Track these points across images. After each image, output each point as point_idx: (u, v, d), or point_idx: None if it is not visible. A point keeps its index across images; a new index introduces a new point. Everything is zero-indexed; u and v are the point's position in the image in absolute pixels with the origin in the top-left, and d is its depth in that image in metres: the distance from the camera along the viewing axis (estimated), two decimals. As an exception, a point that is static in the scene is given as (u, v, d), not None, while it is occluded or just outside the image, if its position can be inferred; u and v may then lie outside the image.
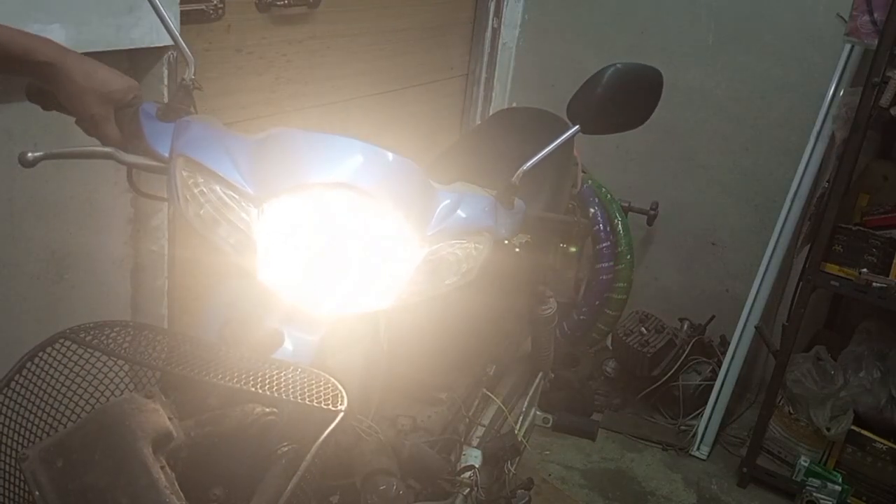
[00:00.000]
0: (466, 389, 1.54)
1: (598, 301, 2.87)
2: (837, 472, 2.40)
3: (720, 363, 2.73)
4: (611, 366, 2.89)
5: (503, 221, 1.14)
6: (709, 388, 2.71)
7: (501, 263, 1.16)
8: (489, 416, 1.58)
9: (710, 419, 2.66)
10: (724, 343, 2.82)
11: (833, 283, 2.32)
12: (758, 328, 2.63)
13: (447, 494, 1.27)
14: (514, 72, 3.13)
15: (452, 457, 1.41)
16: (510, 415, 1.64)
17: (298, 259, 1.00)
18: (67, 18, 1.40)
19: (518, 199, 1.19)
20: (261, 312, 1.01)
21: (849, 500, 2.41)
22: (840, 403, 2.39)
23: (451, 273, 1.06)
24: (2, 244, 1.50)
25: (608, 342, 2.98)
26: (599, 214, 2.84)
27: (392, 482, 1.05)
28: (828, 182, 2.43)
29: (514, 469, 1.61)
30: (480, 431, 1.52)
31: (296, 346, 0.99)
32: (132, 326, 0.96)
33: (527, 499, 1.60)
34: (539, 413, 1.91)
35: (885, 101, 2.14)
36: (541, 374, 1.91)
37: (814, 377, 2.44)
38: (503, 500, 1.52)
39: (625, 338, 2.79)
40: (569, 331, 2.90)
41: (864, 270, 2.24)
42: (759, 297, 2.64)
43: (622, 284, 2.86)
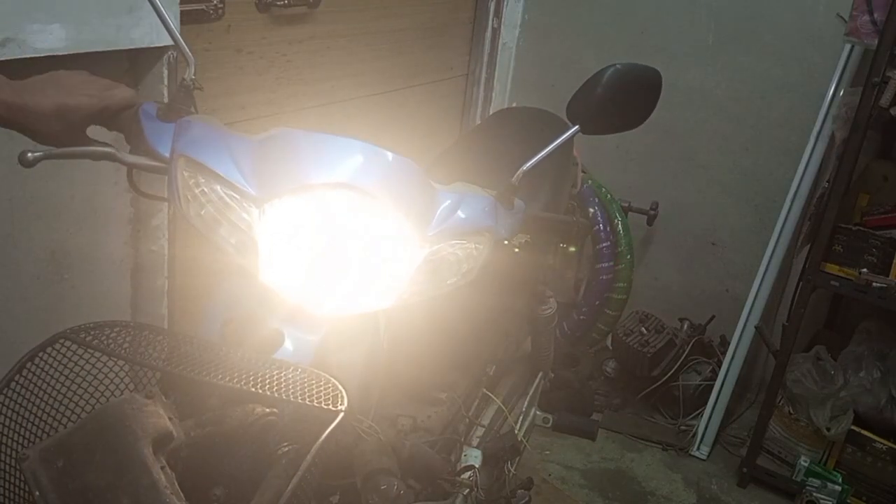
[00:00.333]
0: (466, 389, 1.54)
1: (598, 301, 2.87)
2: (837, 472, 2.40)
3: (720, 363, 2.73)
4: (611, 366, 2.89)
5: (503, 221, 1.14)
6: (709, 388, 2.71)
7: (501, 263, 1.16)
8: (489, 416, 1.58)
9: (710, 419, 2.66)
10: (724, 343, 2.82)
11: (833, 283, 2.32)
12: (758, 328, 2.63)
13: (447, 494, 1.27)
14: (514, 72, 3.13)
15: (452, 457, 1.41)
16: (510, 415, 1.64)
17: (299, 259, 1.00)
18: (67, 18, 1.40)
19: (518, 199, 1.19)
20: (261, 312, 1.01)
21: (849, 500, 2.41)
22: (840, 403, 2.40)
23: (452, 273, 1.06)
24: (2, 244, 1.50)
25: (608, 342, 2.98)
26: (599, 214, 2.84)
27: (392, 482, 1.05)
28: (828, 182, 2.43)
29: (514, 469, 1.61)
30: (480, 431, 1.52)
31: (296, 347, 0.99)
32: (132, 326, 0.96)
33: (527, 499, 1.59)
34: (539, 413, 1.91)
35: (885, 101, 2.15)
36: (541, 374, 1.91)
37: (814, 377, 2.44)
38: (503, 500, 1.52)
39: (625, 338, 2.79)
40: (569, 331, 2.90)
41: (864, 270, 2.24)
42: (759, 297, 2.64)
43: (622, 284, 2.86)
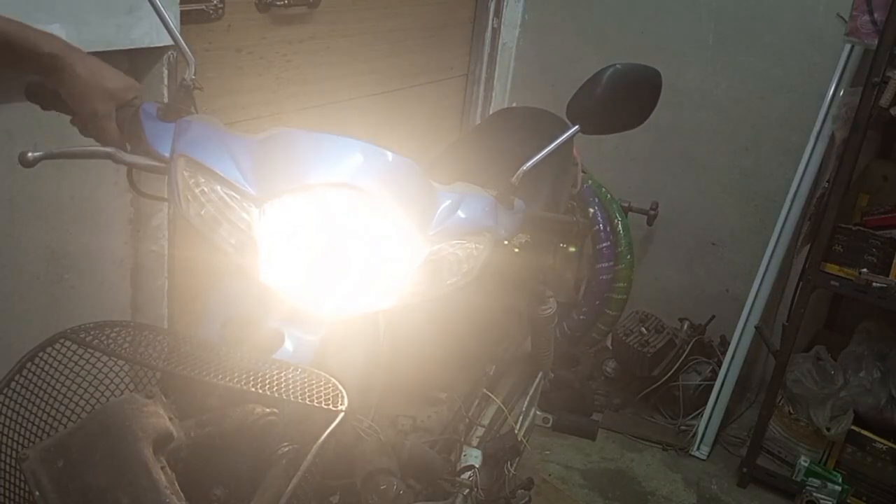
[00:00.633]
0: (466, 389, 1.54)
1: (598, 301, 2.87)
2: (837, 472, 2.40)
3: (720, 363, 2.73)
4: (611, 366, 2.89)
5: (503, 221, 1.14)
6: (709, 388, 2.71)
7: (501, 263, 1.16)
8: (489, 416, 1.58)
9: (710, 419, 2.66)
10: (724, 343, 2.82)
11: (833, 283, 2.32)
12: (758, 328, 2.63)
13: (447, 494, 1.27)
14: (514, 72, 3.13)
15: (452, 457, 1.41)
16: (510, 415, 1.64)
17: (299, 259, 1.00)
18: (67, 18, 1.40)
19: (518, 199, 1.19)
20: (261, 312, 1.01)
21: (849, 500, 2.41)
22: (840, 403, 2.40)
23: (452, 273, 1.06)
24: (2, 244, 1.50)
25: (608, 342, 2.98)
26: (599, 214, 2.84)
27: (392, 482, 1.05)
28: (828, 182, 2.43)
29: (514, 469, 1.61)
30: (480, 431, 1.52)
31: (296, 347, 0.99)
32: (132, 326, 0.96)
33: (527, 499, 1.59)
34: (539, 413, 1.91)
35: (885, 101, 2.15)
36: (541, 374, 1.91)
37: (814, 377, 2.44)
38: (503, 500, 1.52)
39: (625, 338, 2.79)
40: (569, 331, 2.90)
41: (864, 270, 2.24)
42: (759, 297, 2.64)
43: (622, 284, 2.86)
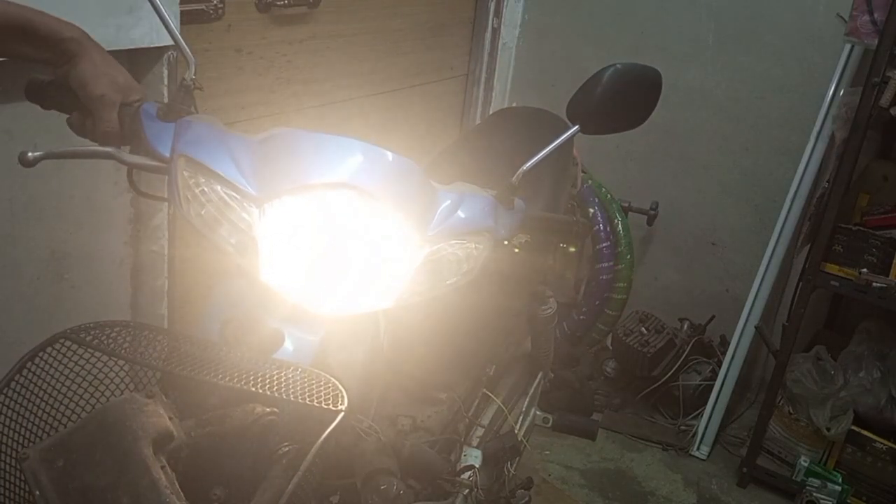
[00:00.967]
0: (466, 389, 1.54)
1: (598, 301, 2.87)
2: (837, 472, 2.40)
3: (720, 363, 2.73)
4: (611, 366, 2.89)
5: (503, 221, 1.14)
6: (709, 388, 2.71)
7: (501, 263, 1.16)
8: (489, 416, 1.58)
9: (710, 419, 2.66)
10: (724, 343, 2.82)
11: (833, 283, 2.32)
12: (758, 328, 2.63)
13: (447, 494, 1.27)
14: (514, 72, 3.13)
15: (452, 457, 1.41)
16: (510, 415, 1.64)
17: (300, 259, 1.00)
18: (67, 18, 1.40)
19: (518, 199, 1.19)
20: (261, 312, 1.01)
21: (849, 500, 2.41)
22: (840, 403, 2.40)
23: (452, 273, 1.06)
24: (2, 244, 1.50)
25: (608, 342, 2.98)
26: (599, 214, 2.84)
27: (392, 482, 1.05)
28: (828, 182, 2.43)
29: (514, 469, 1.61)
30: (480, 431, 1.52)
31: (296, 346, 0.99)
32: (132, 326, 0.96)
33: (527, 499, 1.59)
34: (539, 413, 1.91)
35: (885, 101, 2.15)
36: (541, 374, 1.91)
37: (814, 377, 2.44)
38: (503, 500, 1.52)
39: (625, 338, 2.79)
40: (569, 331, 2.90)
41: (864, 270, 2.24)
42: (759, 297, 2.64)
43: (622, 284, 2.86)
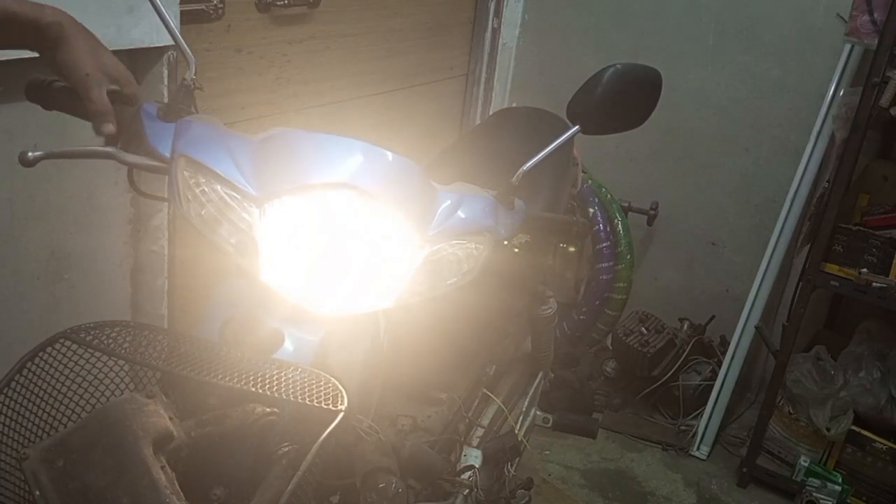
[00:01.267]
0: (466, 389, 1.54)
1: (598, 301, 2.87)
2: (837, 472, 2.40)
3: (720, 363, 2.73)
4: (611, 366, 2.89)
5: (503, 221, 1.14)
6: (709, 388, 2.71)
7: (501, 263, 1.16)
8: (489, 416, 1.58)
9: (710, 419, 2.66)
10: (724, 343, 2.82)
11: (833, 283, 2.32)
12: (758, 328, 2.63)
13: (447, 494, 1.27)
14: (514, 72, 3.13)
15: (452, 457, 1.41)
16: (510, 415, 1.64)
17: (300, 259, 1.00)
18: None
19: (518, 199, 1.19)
20: (261, 312, 1.01)
21: (849, 500, 2.41)
22: (840, 403, 2.40)
23: (452, 273, 1.06)
24: (2, 244, 1.50)
25: (608, 342, 2.98)
26: (599, 214, 2.84)
27: (391, 481, 1.05)
28: (828, 182, 2.44)
29: (514, 469, 1.61)
30: (480, 431, 1.53)
31: (296, 346, 0.99)
32: (132, 326, 0.96)
33: (527, 499, 1.60)
34: (539, 413, 1.91)
35: (885, 101, 2.15)
36: (541, 374, 1.91)
37: (814, 377, 2.44)
38: (503, 501, 1.52)
39: (625, 338, 2.80)
40: (569, 331, 2.90)
41: (864, 270, 2.24)
42: (759, 297, 2.64)
43: (622, 284, 2.86)
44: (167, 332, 0.98)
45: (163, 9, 1.12)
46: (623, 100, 1.21)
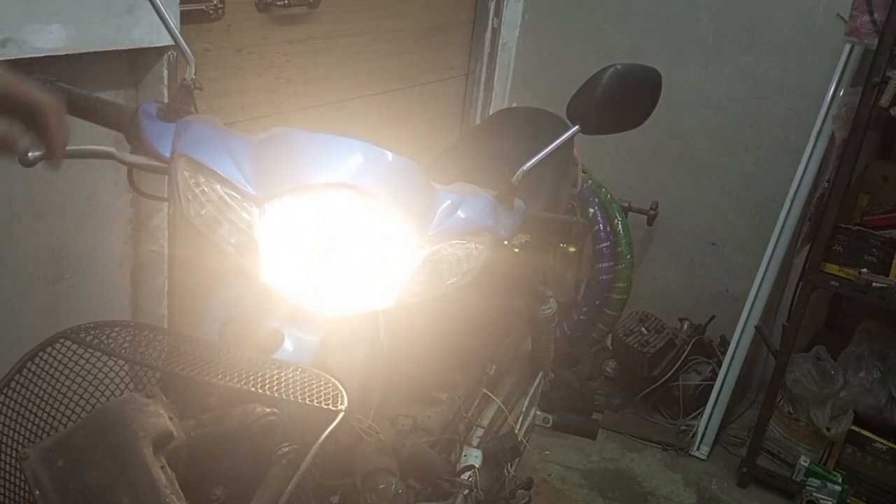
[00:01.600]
0: (466, 389, 1.54)
1: (598, 301, 2.87)
2: (837, 472, 2.40)
3: (720, 363, 2.73)
4: (611, 366, 2.89)
5: (503, 221, 1.14)
6: (709, 388, 2.71)
7: (501, 263, 1.16)
8: (489, 416, 1.58)
9: (710, 419, 2.66)
10: (724, 343, 2.82)
11: (833, 283, 2.32)
12: (758, 328, 2.63)
13: (447, 494, 1.27)
14: (514, 72, 3.13)
15: (452, 457, 1.41)
16: (510, 415, 1.64)
17: (300, 259, 1.00)
18: (67, 18, 1.40)
19: (518, 199, 1.19)
20: (261, 312, 1.01)
21: (849, 500, 2.41)
22: (840, 403, 2.40)
23: (452, 273, 1.06)
24: (2, 244, 1.50)
25: (608, 342, 2.98)
26: (599, 214, 2.84)
27: (391, 481, 1.05)
28: (828, 182, 2.43)
29: (514, 469, 1.61)
30: (480, 431, 1.53)
31: (296, 346, 0.99)
32: (132, 326, 0.96)
33: (527, 499, 1.60)
34: (539, 413, 1.91)
35: (885, 101, 2.15)
36: (541, 374, 1.91)
37: (814, 377, 2.44)
38: (503, 501, 1.52)
39: (625, 338, 2.79)
40: (569, 331, 2.90)
41: (864, 270, 2.24)
42: (759, 297, 2.64)
43: (622, 284, 2.86)
44: (167, 332, 0.98)
45: (163, 9, 1.12)
46: (623, 100, 1.21)
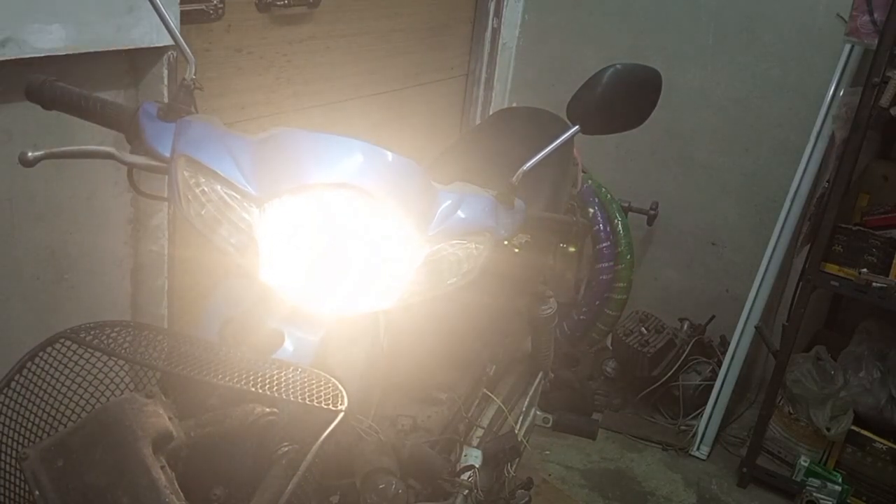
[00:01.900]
0: (466, 389, 1.54)
1: (598, 301, 2.87)
2: (837, 472, 2.40)
3: (720, 363, 2.73)
4: (611, 366, 2.89)
5: (503, 221, 1.14)
6: (709, 388, 2.71)
7: (501, 263, 1.16)
8: (489, 416, 1.58)
9: (710, 419, 2.66)
10: (724, 343, 2.82)
11: (833, 283, 2.32)
12: (758, 328, 2.63)
13: (447, 494, 1.27)
14: (514, 72, 3.13)
15: (452, 457, 1.41)
16: (510, 415, 1.64)
17: (300, 259, 1.00)
18: (67, 18, 1.40)
19: (518, 199, 1.19)
20: (261, 312, 1.01)
21: (849, 500, 2.41)
22: (840, 403, 2.40)
23: (452, 273, 1.06)
24: (2, 244, 1.50)
25: (608, 342, 2.98)
26: (599, 214, 2.84)
27: (391, 481, 1.05)
28: (828, 182, 2.44)
29: (514, 470, 1.61)
30: (480, 431, 1.53)
31: (296, 346, 0.99)
32: (132, 326, 0.96)
33: (527, 499, 1.60)
34: (539, 413, 1.91)
35: (885, 101, 2.15)
36: (541, 374, 1.91)
37: (814, 377, 2.44)
38: (503, 501, 1.52)
39: (625, 338, 2.79)
40: (569, 331, 2.90)
41: (864, 270, 2.24)
42: (759, 297, 2.64)
43: (622, 284, 2.86)
44: (167, 332, 0.98)
45: (163, 9, 1.12)
46: (623, 100, 1.21)
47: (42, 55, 1.37)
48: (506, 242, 1.17)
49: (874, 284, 2.23)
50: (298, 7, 2.07)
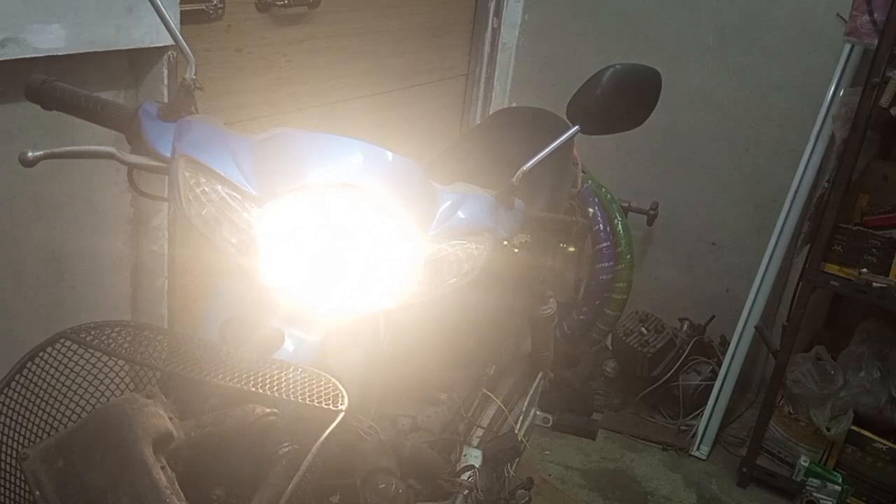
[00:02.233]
0: (466, 389, 1.54)
1: (598, 301, 2.87)
2: (837, 472, 2.40)
3: (720, 363, 2.73)
4: (611, 366, 2.89)
5: (503, 222, 1.14)
6: (709, 388, 2.71)
7: (501, 263, 1.16)
8: (489, 416, 1.58)
9: (710, 419, 2.66)
10: (724, 343, 2.82)
11: (833, 283, 2.32)
12: (758, 328, 2.63)
13: (447, 494, 1.27)
14: (514, 72, 3.13)
15: (452, 457, 1.41)
16: (510, 415, 1.64)
17: (300, 259, 1.00)
18: (67, 18, 1.40)
19: (518, 199, 1.19)
20: (261, 312, 1.01)
21: (849, 500, 2.41)
22: (840, 403, 2.40)
23: (452, 273, 1.06)
24: (2, 244, 1.50)
25: (608, 342, 2.98)
26: (599, 214, 2.83)
27: (391, 481, 1.05)
28: (828, 182, 2.44)
29: (514, 470, 1.61)
30: (480, 431, 1.53)
31: (296, 347, 0.99)
32: (132, 326, 0.96)
33: (527, 499, 1.59)
34: (539, 413, 1.91)
35: (885, 101, 2.15)
36: (541, 374, 1.91)
37: (814, 377, 2.44)
38: (503, 501, 1.52)
39: (625, 338, 2.79)
40: (569, 331, 2.90)
41: (864, 270, 2.24)
42: (759, 297, 2.64)
43: (622, 284, 2.85)
44: (167, 332, 0.98)
45: (163, 9, 1.12)
46: (623, 100, 1.21)
47: (42, 55, 1.37)
48: (506, 242, 1.17)
49: (874, 284, 2.23)
50: (298, 7, 2.07)
